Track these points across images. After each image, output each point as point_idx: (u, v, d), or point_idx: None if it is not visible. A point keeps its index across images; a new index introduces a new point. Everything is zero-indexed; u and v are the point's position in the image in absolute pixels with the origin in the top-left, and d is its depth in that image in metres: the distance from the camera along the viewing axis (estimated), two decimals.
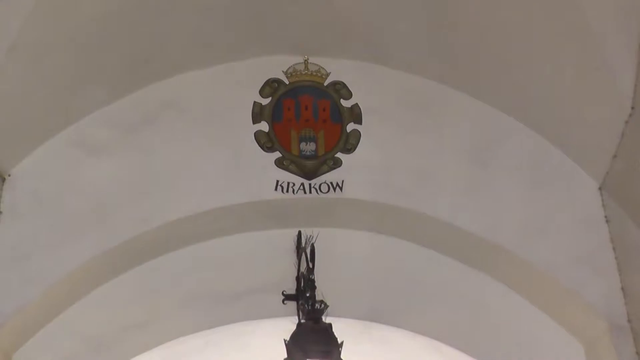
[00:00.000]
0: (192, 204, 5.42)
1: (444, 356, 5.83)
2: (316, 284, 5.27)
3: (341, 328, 5.06)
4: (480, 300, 5.73)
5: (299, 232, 5.55)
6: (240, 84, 5.60)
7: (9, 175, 5.18)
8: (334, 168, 5.55)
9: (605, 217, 5.42)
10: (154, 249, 5.47)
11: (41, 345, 5.33)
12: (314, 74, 5.67)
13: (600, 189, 5.47)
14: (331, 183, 5.50)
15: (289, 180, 5.50)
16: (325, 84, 5.67)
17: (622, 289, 5.25)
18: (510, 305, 5.70)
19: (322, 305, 5.06)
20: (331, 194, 5.49)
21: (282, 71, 5.65)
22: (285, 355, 4.97)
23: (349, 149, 5.58)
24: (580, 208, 5.51)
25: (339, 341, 4.91)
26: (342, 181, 5.50)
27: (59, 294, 5.26)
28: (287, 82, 5.65)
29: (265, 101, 5.60)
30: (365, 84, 5.70)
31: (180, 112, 5.54)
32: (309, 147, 5.58)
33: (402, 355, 6.18)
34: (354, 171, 5.55)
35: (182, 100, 5.58)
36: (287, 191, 5.49)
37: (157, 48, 5.46)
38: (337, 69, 5.70)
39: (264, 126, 5.58)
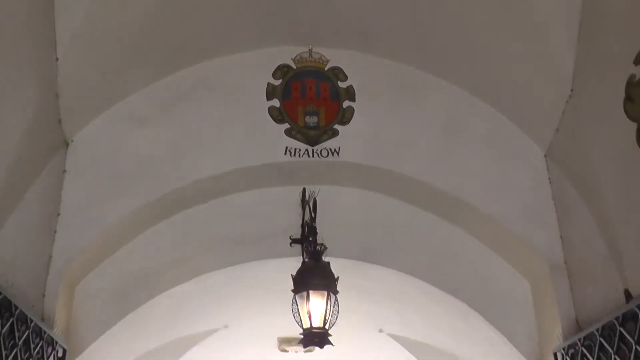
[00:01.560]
0: (217, 165, 5.68)
1: (420, 289, 6.14)
2: (317, 230, 5.58)
3: (337, 266, 5.40)
4: (449, 245, 6.02)
5: (304, 189, 5.83)
6: (256, 68, 5.76)
7: (72, 141, 5.42)
8: (333, 137, 5.78)
9: (549, 179, 5.64)
10: (187, 201, 5.75)
11: (99, 278, 5.69)
12: (317, 60, 5.83)
13: (545, 156, 5.65)
14: (330, 149, 5.76)
15: (295, 147, 5.77)
16: (326, 69, 5.83)
17: (561, 237, 5.50)
18: (472, 249, 5.99)
19: (322, 248, 5.39)
20: (330, 158, 5.75)
21: (291, 58, 5.82)
22: (292, 287, 5.29)
23: (345, 121, 5.78)
24: (530, 172, 5.68)
25: (336, 276, 5.25)
26: (339, 147, 5.76)
27: (113, 236, 5.59)
28: (294, 67, 5.81)
29: (276, 82, 5.79)
30: (358, 69, 5.85)
31: (208, 91, 5.72)
32: (312, 120, 5.78)
33: (386, 288, 6.46)
34: (349, 140, 5.78)
35: (210, 81, 5.75)
36: (294, 155, 5.75)
37: (189, 38, 5.61)
38: (335, 57, 5.86)
39: (275, 103, 5.78)
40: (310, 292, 5.14)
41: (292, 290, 5.32)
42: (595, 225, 5.02)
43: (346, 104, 5.80)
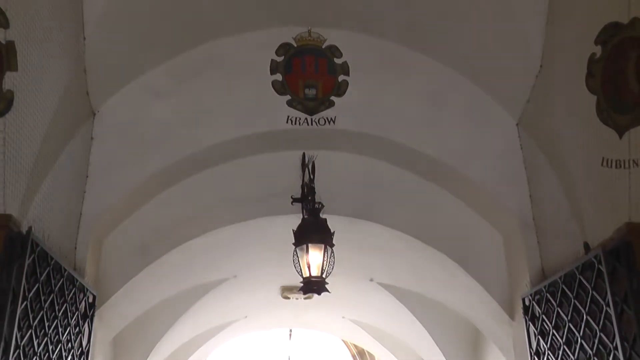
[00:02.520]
0: (227, 132, 5.76)
1: (406, 242, 6.32)
2: (315, 190, 5.72)
3: (333, 222, 5.56)
4: (432, 203, 6.16)
5: (303, 153, 5.94)
6: (261, 46, 5.76)
7: (98, 111, 5.50)
8: (329, 107, 5.81)
9: (520, 145, 5.70)
10: (200, 164, 5.84)
11: (123, 233, 5.87)
12: (315, 39, 5.82)
13: (517, 125, 5.73)
14: (327, 118, 5.80)
15: (296, 116, 5.81)
16: (323, 46, 5.82)
17: (530, 197, 5.63)
18: (453, 207, 6.12)
19: (320, 206, 5.53)
20: (327, 126, 5.80)
21: (292, 37, 5.81)
22: (294, 241, 5.43)
23: (340, 93, 5.81)
24: (503, 139, 5.76)
25: (332, 231, 5.39)
26: (335, 117, 5.80)
27: (135, 196, 5.74)
28: (295, 45, 5.81)
29: (279, 59, 5.79)
30: (352, 47, 5.85)
31: (218, 66, 5.73)
32: (311, 92, 5.80)
33: (376, 241, 6.62)
34: (344, 110, 5.82)
35: (220, 57, 5.76)
36: (295, 123, 5.79)
37: (201, 20, 5.61)
38: (332, 36, 5.84)
39: (278, 77, 5.79)
40: (309, 245, 5.26)
41: (293, 244, 5.43)
42: (560, 187, 5.17)
43: (341, 78, 5.82)
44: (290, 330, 15.41)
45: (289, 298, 9.17)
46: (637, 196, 4.39)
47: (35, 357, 4.39)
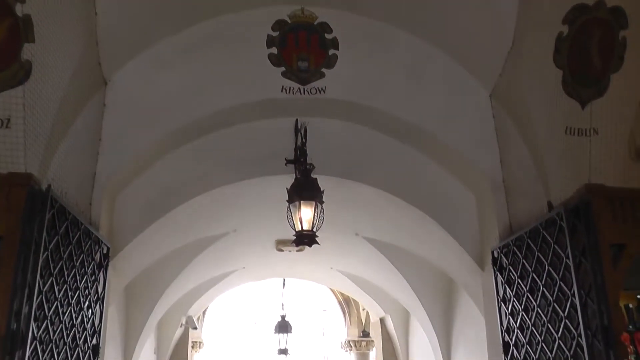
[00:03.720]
0: (228, 101, 5.73)
1: (389, 200, 6.35)
2: (307, 153, 5.71)
3: (323, 182, 5.55)
4: (412, 165, 6.19)
5: (296, 120, 5.91)
6: (258, 22, 5.67)
7: (110, 81, 5.44)
8: (320, 78, 5.77)
9: (492, 114, 5.72)
10: (203, 129, 5.84)
11: (134, 191, 5.89)
12: (308, 17, 5.72)
13: (490, 96, 5.72)
14: (318, 88, 5.76)
15: (290, 86, 5.76)
16: (315, 23, 5.72)
17: (500, 160, 5.68)
18: (431, 169, 6.18)
19: (311, 167, 5.53)
20: (318, 95, 5.77)
21: (287, 15, 5.70)
22: (287, 198, 5.44)
23: (330, 66, 5.75)
24: (477, 108, 5.75)
25: (322, 189, 5.39)
26: (325, 87, 5.76)
27: (144, 158, 5.75)
28: (289, 22, 5.70)
29: (275, 34, 5.70)
30: (341, 23, 5.74)
31: (219, 41, 5.65)
32: (304, 64, 5.75)
33: (362, 199, 6.66)
34: (333, 80, 5.77)
35: (221, 32, 5.65)
36: (289, 93, 5.75)
37: None
38: (323, 14, 5.72)
39: (274, 50, 5.72)
40: (301, 202, 5.25)
41: (287, 201, 5.43)
42: (527, 151, 5.20)
43: (331, 52, 5.76)
44: (284, 280, 15.55)
45: (282, 251, 9.25)
46: (597, 161, 4.48)
47: (56, 302, 4.43)
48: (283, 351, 14.89)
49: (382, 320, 13.23)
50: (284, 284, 15.94)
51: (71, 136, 4.81)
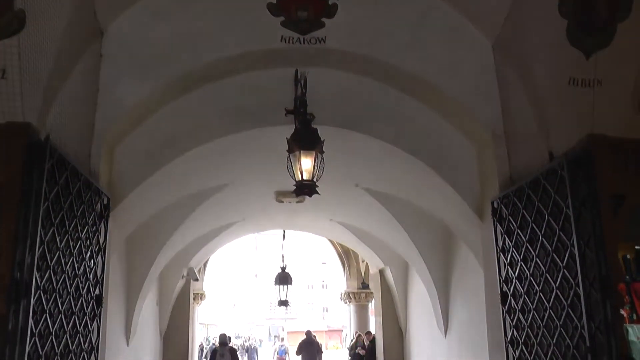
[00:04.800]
0: (226, 50, 5.63)
1: (389, 151, 6.35)
2: (307, 103, 5.63)
3: (323, 132, 5.49)
4: (414, 116, 6.15)
5: (296, 70, 5.82)
6: None
7: (106, 31, 5.33)
8: (320, 28, 5.60)
9: (495, 65, 5.62)
10: (202, 80, 5.77)
11: (132, 142, 5.89)
12: None
13: (492, 46, 5.62)
14: (318, 38, 5.63)
15: (290, 35, 5.62)
16: None
17: (502, 111, 5.62)
18: (432, 120, 6.13)
19: (311, 117, 5.49)
20: (317, 45, 5.65)
21: None
22: (287, 148, 5.40)
23: (330, 15, 5.55)
24: (479, 58, 5.66)
25: (322, 139, 5.36)
26: (325, 37, 5.63)
27: (143, 108, 5.71)
28: None
29: None
30: None
31: None
32: (303, 14, 5.57)
33: (362, 150, 6.68)
34: (333, 30, 5.62)
35: None
36: (288, 42, 5.63)
37: None
38: None
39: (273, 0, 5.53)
40: (301, 152, 5.23)
41: (287, 151, 5.40)
42: (529, 102, 5.16)
43: (331, 1, 5.56)
44: (284, 232, 15.68)
45: (282, 202, 9.30)
46: (599, 111, 4.45)
47: (58, 252, 4.47)
48: (283, 303, 15.13)
49: (381, 272, 13.40)
50: (283, 236, 16.09)
51: (69, 87, 4.77)
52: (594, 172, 4.24)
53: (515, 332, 5.30)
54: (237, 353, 16.73)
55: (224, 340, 14.35)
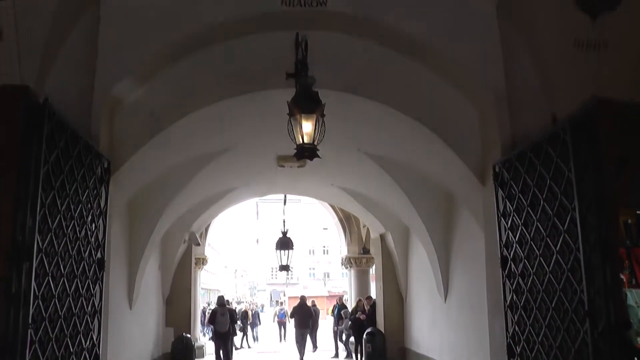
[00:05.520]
0: (226, 13, 5.56)
1: (391, 115, 6.30)
2: (308, 66, 5.53)
3: (324, 95, 5.38)
4: (415, 80, 6.08)
5: (297, 33, 5.72)
6: None
7: None
8: None
9: (499, 27, 5.57)
10: (201, 43, 5.70)
11: (133, 105, 5.87)
12: None
13: (497, 8, 5.56)
14: (319, 0, 5.51)
15: None
16: None
17: (505, 74, 5.54)
18: (435, 84, 6.04)
19: (312, 80, 5.38)
20: (319, 8, 5.55)
21: None
22: (287, 111, 5.31)
23: None
24: (483, 21, 5.60)
25: (323, 103, 5.27)
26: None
27: (142, 71, 5.65)
28: None
29: None
30: None
31: None
32: None
33: (364, 114, 6.66)
34: None
35: None
36: (289, 5, 5.55)
37: None
38: None
39: None
40: (302, 115, 5.16)
41: (288, 114, 5.33)
42: (533, 64, 5.13)
43: None
44: (285, 197, 15.70)
45: (283, 167, 9.31)
46: (605, 74, 4.40)
47: (59, 215, 4.48)
48: (284, 267, 15.24)
49: (382, 237, 13.46)
50: (285, 201, 16.12)
51: (67, 49, 4.73)
52: (597, 136, 4.20)
53: (514, 297, 5.33)
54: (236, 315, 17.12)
55: (222, 301, 14.69)
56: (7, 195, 3.92)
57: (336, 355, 16.35)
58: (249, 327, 22.81)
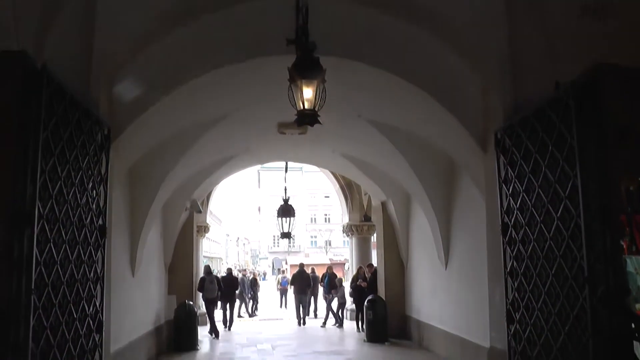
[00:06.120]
0: None
1: (393, 82, 6.29)
2: (309, 32, 5.35)
3: (325, 62, 5.25)
4: (416, 45, 6.02)
5: None
6: None
7: None
8: None
9: None
10: (202, 9, 5.60)
11: (133, 71, 5.79)
12: None
13: None
14: None
15: None
16: None
17: (509, 39, 5.44)
18: (437, 49, 5.97)
19: (312, 46, 5.24)
20: None
21: None
22: (288, 77, 5.20)
23: None
24: None
25: (323, 68, 5.16)
26: None
27: (142, 37, 5.57)
28: None
29: None
30: None
31: None
32: None
33: (365, 81, 6.60)
34: None
35: None
36: None
37: None
38: None
39: None
40: (303, 80, 5.07)
41: (288, 80, 5.23)
42: (538, 30, 4.99)
43: None
44: (286, 164, 15.69)
45: (284, 133, 9.29)
46: (610, 41, 4.33)
47: (59, 182, 4.48)
48: (286, 235, 15.32)
49: (383, 205, 13.49)
50: (286, 168, 16.10)
51: (66, 14, 4.66)
52: (601, 101, 4.16)
53: (514, 263, 5.36)
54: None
55: (208, 270, 14.88)
56: (7, 162, 3.91)
57: (339, 324, 16.24)
58: (244, 297, 22.74)
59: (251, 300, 21.67)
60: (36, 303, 4.05)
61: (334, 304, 16.72)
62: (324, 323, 16.34)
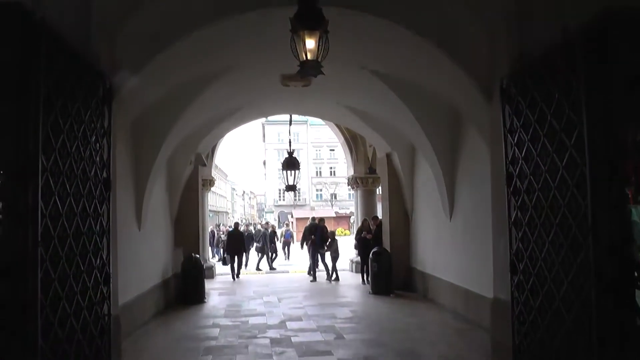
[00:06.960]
0: None
1: (397, 32, 6.15)
2: None
3: (328, 12, 5.14)
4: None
5: None
6: None
7: None
8: None
9: None
10: None
11: (134, 23, 5.69)
12: None
13: None
14: None
15: None
16: None
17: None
18: None
19: None
20: None
21: None
22: (290, 28, 5.13)
23: None
24: None
25: (326, 19, 5.08)
26: None
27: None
28: None
29: None
30: None
31: None
32: None
33: (370, 31, 6.47)
34: None
35: None
36: None
37: None
38: None
39: None
40: (306, 31, 5.02)
41: (290, 30, 5.17)
42: None
43: None
44: (290, 117, 15.63)
45: (288, 86, 9.23)
46: None
47: (62, 135, 4.46)
48: (291, 187, 15.37)
49: (388, 156, 13.47)
50: (290, 121, 16.06)
51: None
52: (609, 47, 4.05)
53: (519, 213, 5.35)
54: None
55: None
56: (9, 115, 3.89)
57: (335, 277, 15.92)
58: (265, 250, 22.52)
59: (273, 253, 21.74)
60: (43, 256, 4.07)
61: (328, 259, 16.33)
62: (329, 277, 16.09)
